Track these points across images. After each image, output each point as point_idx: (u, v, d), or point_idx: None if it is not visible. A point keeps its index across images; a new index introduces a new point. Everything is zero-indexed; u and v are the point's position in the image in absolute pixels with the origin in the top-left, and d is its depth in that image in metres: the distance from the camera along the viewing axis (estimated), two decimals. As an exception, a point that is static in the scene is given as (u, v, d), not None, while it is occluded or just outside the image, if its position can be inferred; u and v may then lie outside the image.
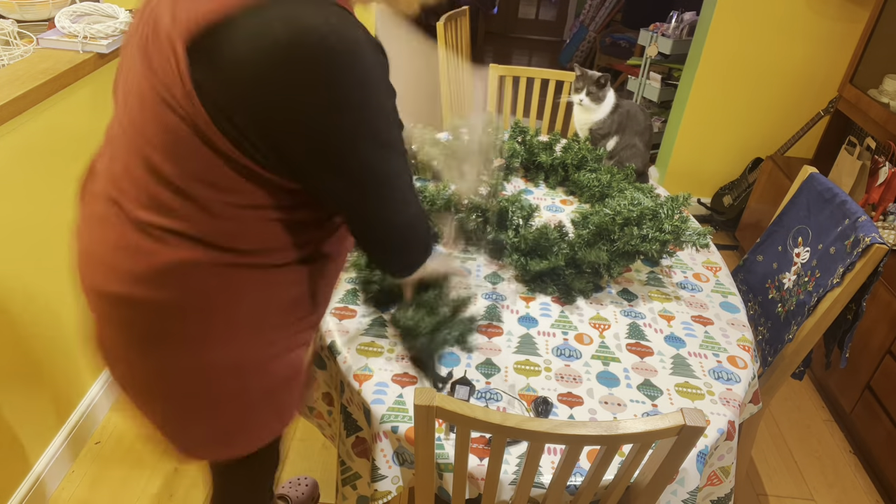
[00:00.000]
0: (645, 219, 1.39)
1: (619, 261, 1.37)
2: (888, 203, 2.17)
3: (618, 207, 1.41)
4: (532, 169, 1.81)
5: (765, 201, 2.78)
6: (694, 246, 1.42)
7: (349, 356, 1.17)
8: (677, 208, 1.42)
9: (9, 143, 1.43)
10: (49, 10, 1.77)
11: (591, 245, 1.38)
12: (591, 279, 1.38)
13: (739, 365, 1.24)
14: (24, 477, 1.61)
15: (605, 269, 1.36)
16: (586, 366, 1.20)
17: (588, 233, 1.40)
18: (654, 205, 1.41)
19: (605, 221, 1.38)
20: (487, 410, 0.82)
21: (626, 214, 1.38)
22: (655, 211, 1.40)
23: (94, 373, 1.90)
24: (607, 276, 1.40)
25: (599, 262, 1.34)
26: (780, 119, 2.99)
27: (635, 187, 1.64)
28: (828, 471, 1.97)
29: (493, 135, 1.41)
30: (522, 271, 1.39)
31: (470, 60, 2.88)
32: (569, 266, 1.37)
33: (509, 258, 1.40)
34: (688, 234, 1.41)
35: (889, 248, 1.31)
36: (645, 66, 3.61)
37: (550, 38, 6.53)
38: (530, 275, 1.38)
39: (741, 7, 2.72)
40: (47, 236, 1.60)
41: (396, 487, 1.08)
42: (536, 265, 1.35)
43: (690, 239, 1.41)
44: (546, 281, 1.38)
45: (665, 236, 1.36)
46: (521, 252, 1.40)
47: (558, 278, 1.38)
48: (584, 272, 1.37)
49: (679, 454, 0.87)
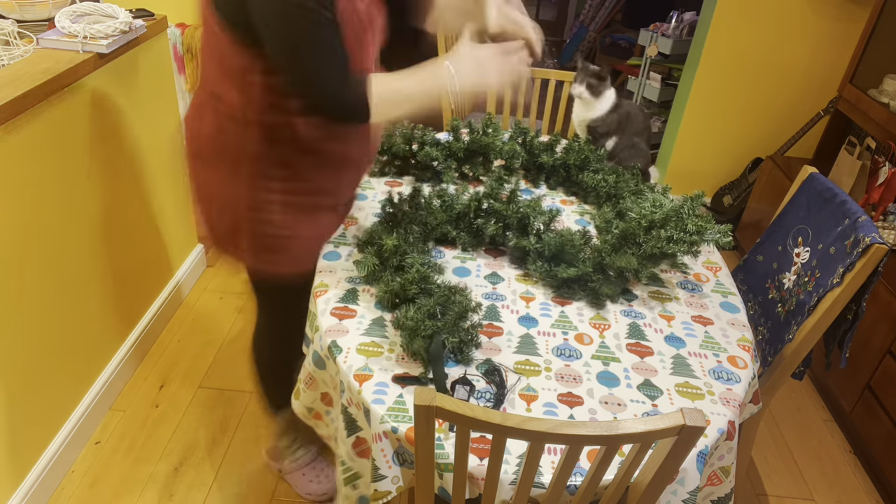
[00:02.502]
0: (669, 220, 1.39)
1: (646, 264, 1.37)
2: (888, 203, 2.17)
3: (642, 211, 1.41)
4: (532, 170, 1.81)
5: (765, 201, 2.78)
6: (716, 244, 1.42)
7: (349, 356, 1.17)
8: (697, 207, 1.42)
9: (9, 143, 1.43)
10: (49, 10, 1.77)
11: (616, 250, 1.37)
12: (619, 284, 1.37)
13: (739, 365, 1.24)
14: (25, 477, 1.61)
15: (632, 273, 1.36)
16: (586, 366, 1.20)
17: (613, 237, 1.40)
18: (674, 206, 1.41)
19: (632, 226, 1.38)
20: (487, 410, 0.82)
21: (650, 217, 1.38)
22: (678, 212, 1.40)
23: (94, 373, 1.90)
24: (635, 281, 1.40)
25: (629, 268, 1.34)
26: (780, 119, 2.99)
27: (649, 188, 1.64)
28: (828, 471, 1.97)
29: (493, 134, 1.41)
30: (548, 277, 1.38)
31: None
32: (596, 272, 1.36)
33: (533, 265, 1.39)
34: (710, 233, 1.40)
35: (889, 248, 1.31)
36: (645, 66, 3.61)
37: (550, 38, 6.53)
38: (558, 281, 1.37)
39: (741, 7, 2.72)
40: (47, 236, 1.60)
41: (396, 487, 1.08)
42: (564, 272, 1.34)
43: (713, 238, 1.40)
44: (574, 287, 1.37)
45: (691, 237, 1.36)
46: (545, 258, 1.39)
47: (586, 284, 1.37)
48: (611, 277, 1.37)
49: (679, 454, 0.87)
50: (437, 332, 1.14)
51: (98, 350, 1.90)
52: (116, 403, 1.98)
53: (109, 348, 1.98)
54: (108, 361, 1.97)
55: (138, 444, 1.86)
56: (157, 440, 1.87)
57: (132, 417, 1.94)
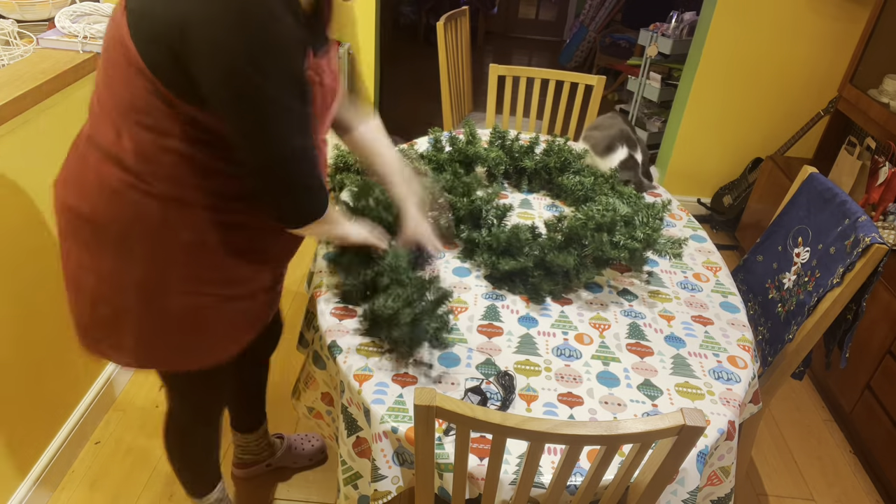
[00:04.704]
0: (618, 225, 1.39)
1: (588, 266, 1.37)
2: (888, 203, 2.17)
3: (590, 212, 1.41)
4: (513, 175, 1.81)
5: (765, 201, 2.78)
6: (667, 255, 1.41)
7: (349, 356, 1.17)
8: (655, 216, 1.42)
9: (9, 142, 1.43)
10: (49, 10, 1.77)
11: (562, 249, 1.38)
12: (560, 281, 1.37)
13: (739, 365, 1.24)
14: (25, 477, 1.61)
15: (573, 273, 1.36)
16: (586, 366, 1.20)
17: (561, 235, 1.40)
18: (630, 211, 1.41)
19: (577, 226, 1.38)
20: (487, 410, 0.82)
21: (598, 220, 1.38)
22: (630, 218, 1.40)
23: (94, 373, 1.90)
24: (575, 281, 1.39)
25: (565, 266, 1.34)
26: (780, 119, 2.99)
27: (618, 192, 1.64)
28: (828, 471, 1.97)
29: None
30: (492, 269, 1.39)
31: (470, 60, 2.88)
32: (538, 268, 1.37)
33: (481, 256, 1.40)
34: (661, 243, 1.40)
35: (889, 248, 1.31)
36: (645, 66, 3.62)
37: (550, 38, 6.53)
38: (500, 273, 1.38)
39: (741, 7, 2.72)
40: (48, 236, 1.60)
41: (396, 487, 1.08)
42: (505, 264, 1.35)
43: (664, 248, 1.40)
44: (515, 281, 1.38)
45: (635, 244, 1.36)
46: (493, 251, 1.40)
47: (526, 279, 1.37)
48: (554, 274, 1.37)
49: (679, 454, 0.87)
50: (417, 319, 1.15)
51: (98, 350, 1.91)
52: (116, 403, 1.98)
53: (109, 348, 1.98)
54: (108, 362, 1.97)
55: (138, 444, 1.85)
56: (158, 440, 1.87)
57: (132, 417, 1.94)
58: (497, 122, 1.90)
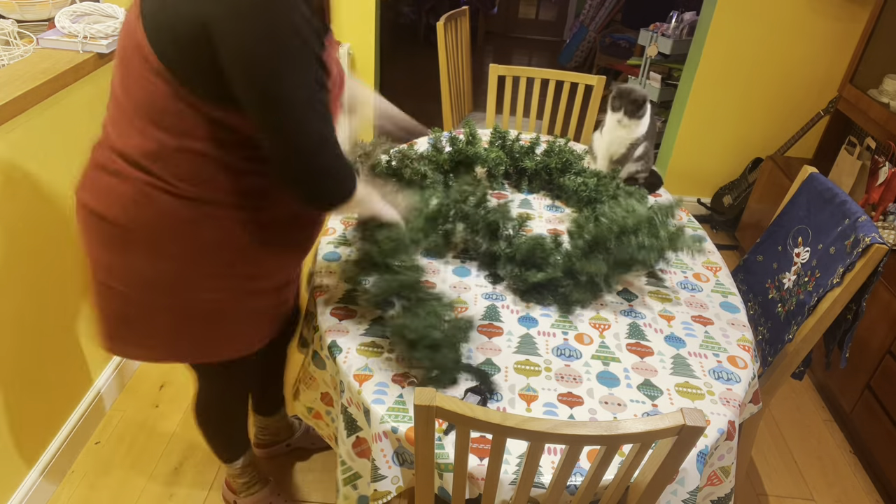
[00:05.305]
0: (641, 227, 1.38)
1: (616, 270, 1.36)
2: (888, 203, 2.17)
3: (613, 217, 1.39)
4: (514, 176, 1.81)
5: (765, 201, 2.78)
6: (690, 251, 1.41)
7: (349, 356, 1.17)
8: (670, 215, 1.42)
9: (9, 142, 1.43)
10: (49, 10, 1.76)
11: (587, 255, 1.36)
12: (589, 289, 1.35)
13: (739, 365, 1.24)
14: (25, 476, 1.61)
15: (602, 279, 1.35)
16: (586, 366, 1.20)
17: (584, 243, 1.38)
18: (648, 212, 1.40)
19: (602, 231, 1.37)
20: (487, 410, 0.82)
21: (621, 224, 1.37)
22: (650, 218, 1.39)
23: (94, 373, 1.90)
24: (605, 287, 1.38)
25: (599, 273, 1.33)
26: (780, 119, 2.99)
27: (627, 193, 1.63)
28: (828, 471, 1.97)
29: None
30: (518, 282, 1.36)
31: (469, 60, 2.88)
32: (566, 277, 1.35)
33: (503, 269, 1.38)
34: (683, 241, 1.40)
35: (889, 248, 1.31)
36: (645, 66, 3.62)
37: (550, 38, 6.53)
38: (527, 286, 1.35)
39: (741, 7, 2.72)
40: (48, 235, 1.60)
41: (396, 487, 1.08)
42: (533, 276, 1.33)
43: (686, 244, 1.40)
44: (543, 292, 1.36)
45: (662, 244, 1.36)
46: (516, 263, 1.37)
47: (555, 289, 1.36)
48: (581, 283, 1.36)
49: (679, 454, 0.87)
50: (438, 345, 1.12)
51: (98, 350, 1.90)
52: (116, 403, 1.98)
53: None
54: (108, 361, 1.97)
55: (138, 444, 1.85)
56: (157, 440, 1.87)
57: (132, 417, 1.94)
58: (497, 123, 1.90)
